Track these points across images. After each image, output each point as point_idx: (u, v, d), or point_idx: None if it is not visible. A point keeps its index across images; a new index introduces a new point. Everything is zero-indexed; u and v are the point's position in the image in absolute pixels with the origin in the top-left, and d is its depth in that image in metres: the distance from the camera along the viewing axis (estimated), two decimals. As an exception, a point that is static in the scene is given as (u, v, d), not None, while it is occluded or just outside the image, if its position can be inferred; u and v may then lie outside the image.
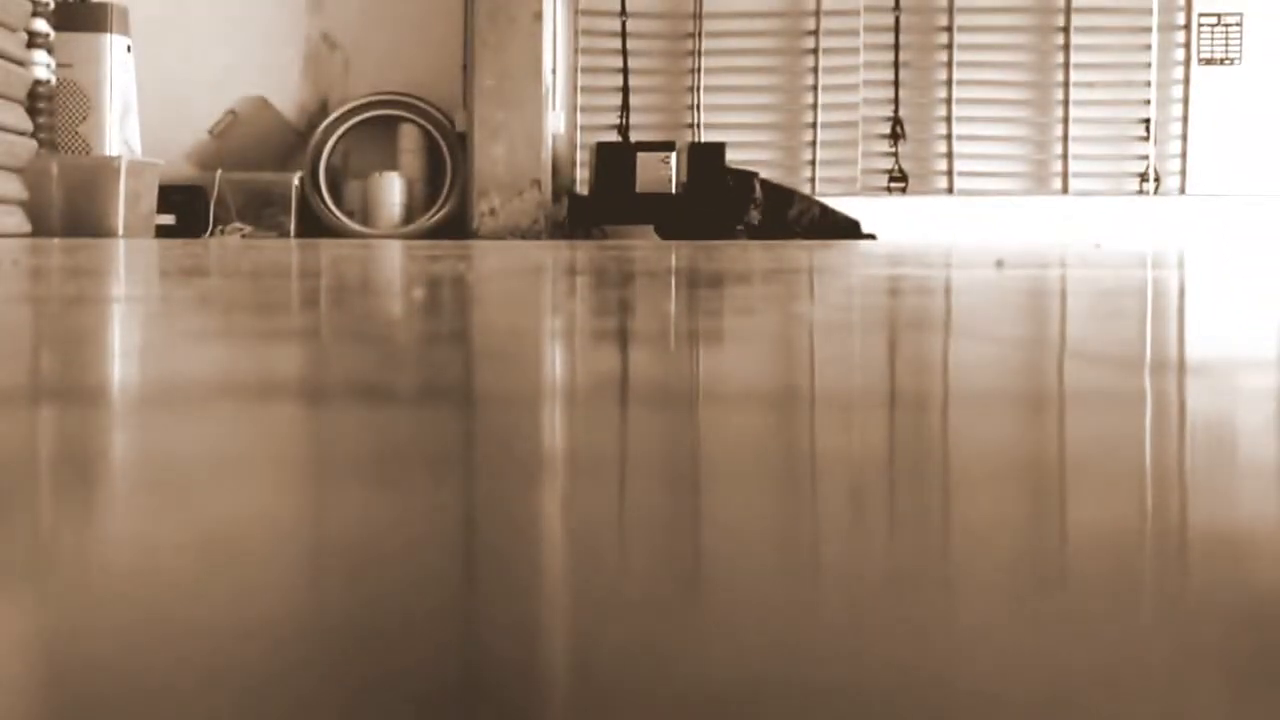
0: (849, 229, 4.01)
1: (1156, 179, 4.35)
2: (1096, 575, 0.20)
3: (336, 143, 4.14)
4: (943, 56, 4.32)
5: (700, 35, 4.25)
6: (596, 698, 0.14)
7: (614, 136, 4.01)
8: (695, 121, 4.23)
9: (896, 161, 4.35)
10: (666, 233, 3.75)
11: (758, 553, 0.21)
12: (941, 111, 4.35)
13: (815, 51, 4.32)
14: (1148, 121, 4.33)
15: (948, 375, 0.49)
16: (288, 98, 4.28)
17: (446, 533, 0.23)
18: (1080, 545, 0.22)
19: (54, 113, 3.70)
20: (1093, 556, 0.21)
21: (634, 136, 3.57)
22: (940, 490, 0.27)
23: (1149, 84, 4.33)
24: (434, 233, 3.96)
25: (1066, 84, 4.32)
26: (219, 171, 4.02)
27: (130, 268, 1.46)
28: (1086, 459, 0.30)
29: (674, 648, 0.16)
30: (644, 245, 2.18)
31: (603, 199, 3.58)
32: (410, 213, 4.10)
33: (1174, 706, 0.14)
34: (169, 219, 3.88)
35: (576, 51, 4.09)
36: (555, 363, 0.52)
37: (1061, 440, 0.33)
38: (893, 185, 4.36)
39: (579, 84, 4.16)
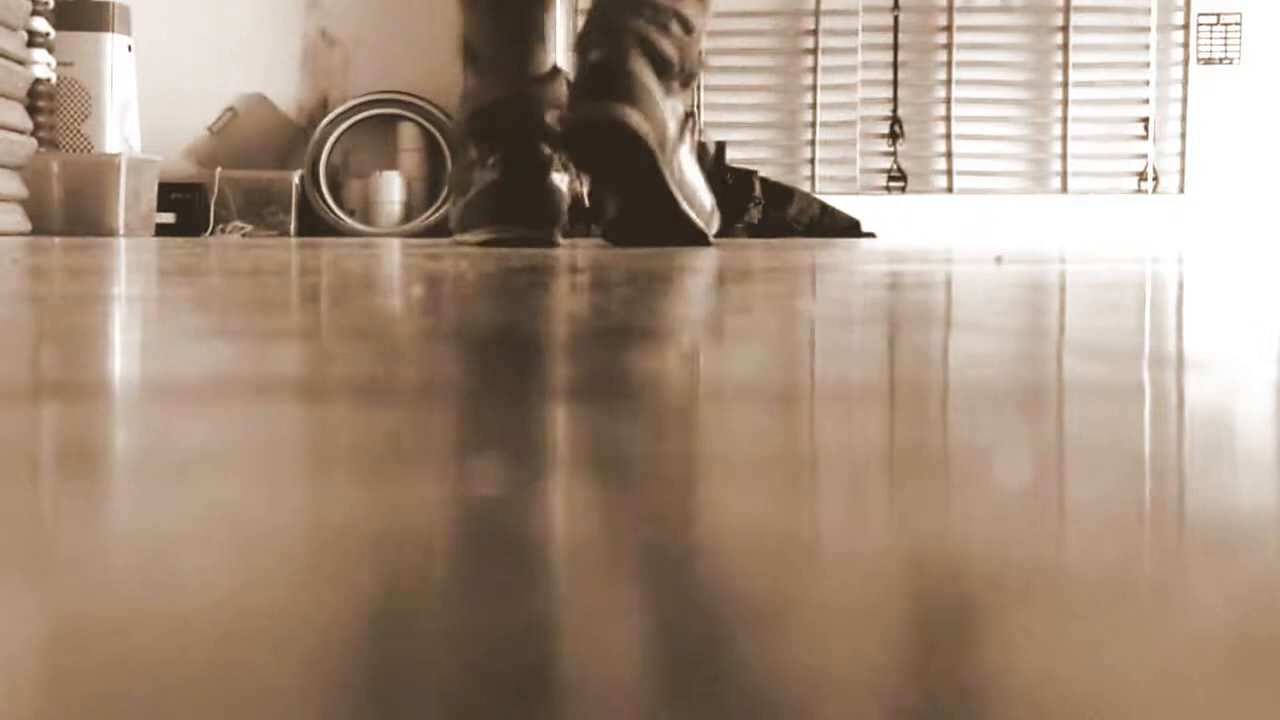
0: (849, 227, 4.01)
1: (1155, 178, 4.35)
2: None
3: (336, 141, 4.14)
4: (941, 56, 4.32)
5: (700, 34, 4.25)
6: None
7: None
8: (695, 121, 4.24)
9: (895, 160, 4.35)
10: (666, 231, 3.75)
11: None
12: (940, 111, 4.35)
13: (814, 51, 4.32)
14: (1146, 121, 4.33)
15: (951, 359, 0.49)
16: (287, 95, 4.28)
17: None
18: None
19: (55, 111, 3.70)
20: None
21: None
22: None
23: (1148, 83, 4.33)
24: (434, 231, 3.96)
25: (1065, 84, 4.33)
26: (219, 169, 4.02)
27: (131, 267, 1.46)
28: (1092, 445, 0.31)
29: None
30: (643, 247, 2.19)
31: (603, 197, 3.59)
32: (410, 211, 4.10)
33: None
34: (169, 218, 3.88)
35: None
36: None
37: (1063, 426, 0.34)
38: (892, 184, 4.36)
39: (579, 83, 4.16)
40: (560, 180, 2.14)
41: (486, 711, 0.13)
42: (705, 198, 2.15)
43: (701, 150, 3.85)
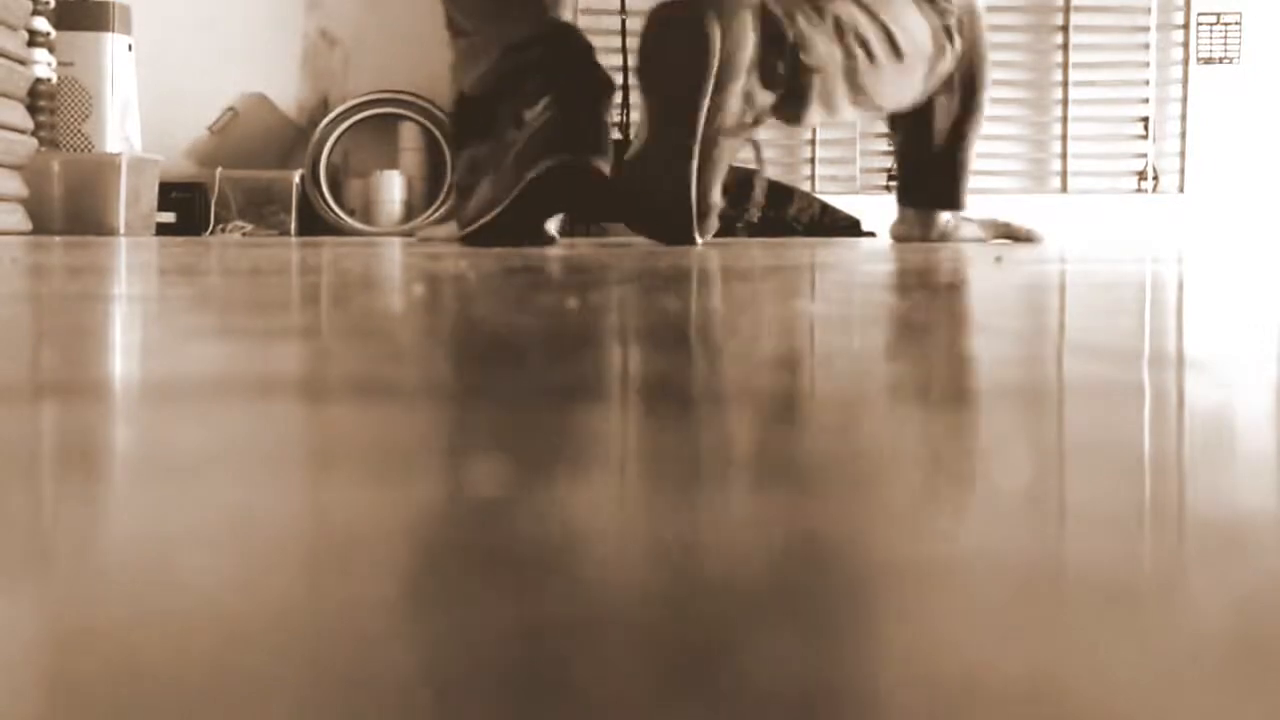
0: (849, 227, 4.01)
1: (1155, 177, 4.35)
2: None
3: (337, 140, 4.14)
4: (942, 55, 4.32)
5: (700, 34, 4.24)
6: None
7: (614, 134, 4.01)
8: (695, 120, 4.23)
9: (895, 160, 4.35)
10: (666, 230, 3.75)
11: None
12: (941, 110, 4.34)
13: (815, 50, 4.32)
14: (1146, 120, 4.33)
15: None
16: (287, 95, 4.28)
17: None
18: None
19: (55, 111, 3.70)
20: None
21: (634, 134, 3.60)
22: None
23: (1148, 83, 4.33)
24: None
25: (1065, 83, 4.33)
26: (219, 169, 4.02)
27: (131, 266, 1.46)
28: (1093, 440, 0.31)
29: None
30: (645, 242, 2.19)
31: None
32: (411, 210, 4.10)
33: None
34: (169, 217, 3.88)
35: (576, 50, 4.08)
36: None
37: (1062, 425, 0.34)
38: (892, 184, 4.36)
39: (579, 82, 4.16)
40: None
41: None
42: (716, 193, 2.09)
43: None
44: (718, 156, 2.02)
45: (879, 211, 4.21)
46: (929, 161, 2.51)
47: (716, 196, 2.11)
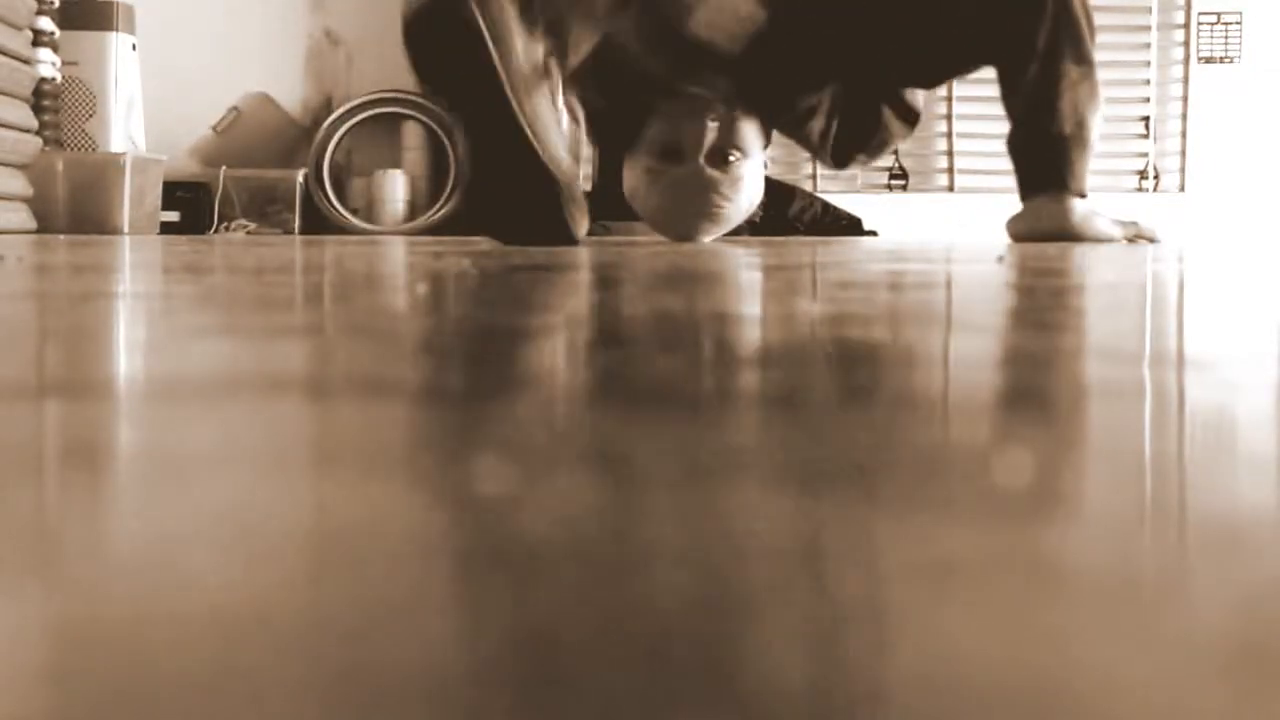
0: (850, 226, 4.01)
1: (1156, 176, 4.35)
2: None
3: (340, 140, 4.14)
4: (943, 54, 4.31)
5: (702, 33, 4.23)
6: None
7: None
8: (697, 119, 4.21)
9: (897, 159, 4.34)
10: (669, 230, 3.74)
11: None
12: (942, 109, 4.34)
13: (816, 49, 4.31)
14: (1147, 119, 4.33)
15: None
16: (291, 94, 4.27)
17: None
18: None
19: (59, 110, 3.70)
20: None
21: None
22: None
23: (1148, 82, 4.32)
24: (438, 229, 3.95)
25: (1067, 82, 4.32)
26: (223, 168, 4.02)
27: (135, 265, 1.46)
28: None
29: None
30: (647, 241, 2.19)
31: (606, 195, 3.59)
32: (414, 210, 4.10)
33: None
34: (173, 216, 3.88)
35: (579, 49, 4.06)
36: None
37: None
38: (893, 182, 4.36)
39: (581, 81, 4.14)
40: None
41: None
42: (562, 152, 1.92)
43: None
44: (534, 107, 1.90)
45: (881, 210, 4.20)
46: (1054, 142, 2.37)
47: (566, 160, 1.92)
